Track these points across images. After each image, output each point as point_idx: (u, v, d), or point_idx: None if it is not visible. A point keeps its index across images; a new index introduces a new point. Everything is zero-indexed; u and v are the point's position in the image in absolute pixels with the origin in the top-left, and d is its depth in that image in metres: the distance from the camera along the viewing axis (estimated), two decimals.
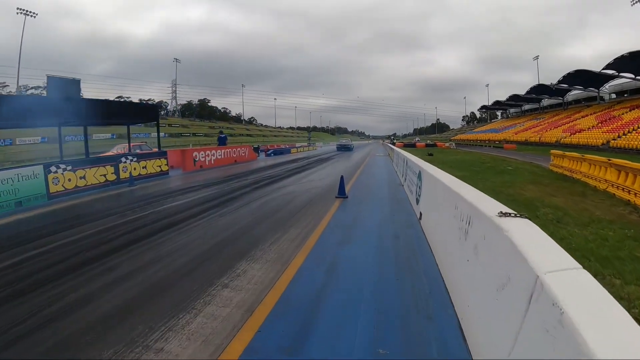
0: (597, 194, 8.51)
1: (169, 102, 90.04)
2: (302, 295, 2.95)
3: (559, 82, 50.07)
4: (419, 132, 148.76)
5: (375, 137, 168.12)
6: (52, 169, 8.59)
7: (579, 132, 39.23)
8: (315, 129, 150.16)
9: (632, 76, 41.60)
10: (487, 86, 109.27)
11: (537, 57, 74.36)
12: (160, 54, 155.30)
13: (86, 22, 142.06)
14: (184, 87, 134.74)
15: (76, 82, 10.68)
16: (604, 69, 41.44)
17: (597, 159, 10.10)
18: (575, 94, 55.75)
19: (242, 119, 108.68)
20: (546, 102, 63.74)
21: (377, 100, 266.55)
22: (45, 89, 10.32)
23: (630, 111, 37.54)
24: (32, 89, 57.84)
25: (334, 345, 2.26)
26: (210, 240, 4.65)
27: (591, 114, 45.22)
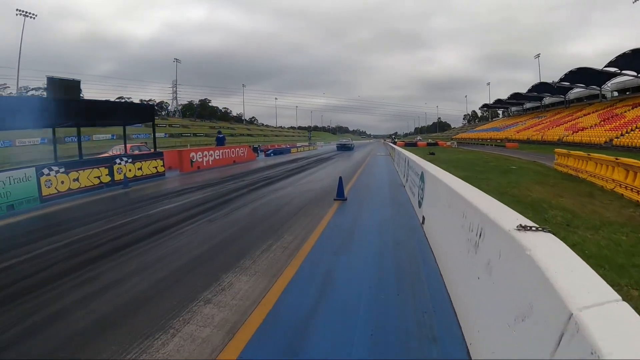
0: (605, 194, 8.24)
1: (170, 103, 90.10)
2: (291, 313, 2.67)
3: (560, 80, 49.75)
4: (420, 131, 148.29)
5: (376, 137, 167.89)
6: (44, 171, 8.38)
7: (581, 130, 38.92)
8: (316, 128, 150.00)
9: (635, 74, 41.27)
10: (488, 84, 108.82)
11: (538, 55, 74.11)
12: (161, 54, 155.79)
13: (87, 22, 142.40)
14: (185, 87, 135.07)
15: (76, 83, 10.53)
16: (606, 67, 41.15)
17: (604, 158, 9.82)
18: (577, 92, 55.43)
19: (242, 118, 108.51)
20: (548, 100, 63.47)
21: (378, 99, 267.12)
22: (45, 90, 10.22)
23: (632, 109, 37.21)
24: (33, 90, 57.84)
25: None
26: (197, 248, 4.37)
27: (593, 112, 44.90)
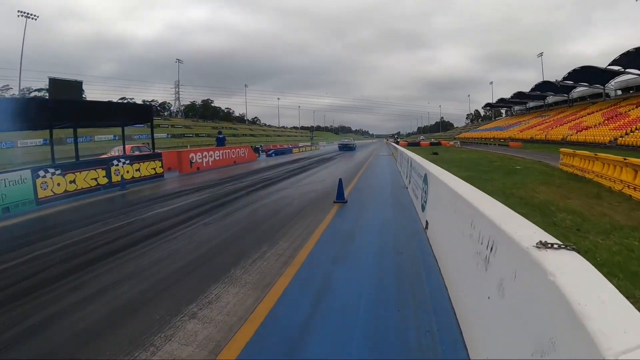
0: (613, 195, 7.99)
1: (173, 103, 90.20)
2: (281, 331, 2.46)
3: (564, 79, 49.34)
4: (423, 130, 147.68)
5: (379, 136, 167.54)
6: (40, 173, 8.27)
7: (585, 129, 38.53)
8: (319, 128, 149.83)
9: (638, 72, 40.86)
10: (491, 84, 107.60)
11: (541, 54, 73.52)
12: (164, 54, 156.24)
13: (89, 24, 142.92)
14: (188, 87, 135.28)
15: (78, 84, 10.54)
16: (609, 65, 40.76)
17: (612, 158, 9.56)
18: (580, 90, 54.95)
19: (245, 119, 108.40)
20: (551, 99, 63.01)
21: (381, 99, 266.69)
22: (47, 91, 10.34)
23: (636, 108, 36.78)
24: (36, 91, 57.92)
25: None
26: (187, 255, 4.16)
27: (597, 111, 44.48)
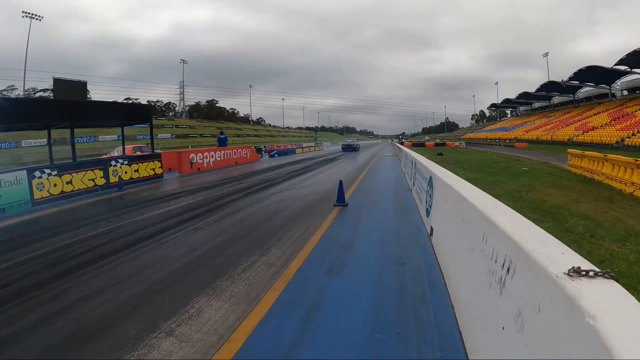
0: (624, 199, 7.70)
1: (177, 103, 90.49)
2: (264, 354, 2.21)
3: (570, 79, 48.84)
4: (427, 131, 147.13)
5: (383, 137, 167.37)
6: (36, 174, 8.15)
7: (592, 130, 38.04)
8: (323, 129, 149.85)
9: None
10: (496, 84, 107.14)
11: (547, 54, 72.97)
12: (169, 55, 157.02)
13: (94, 24, 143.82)
14: (193, 88, 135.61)
15: (82, 84, 10.49)
16: (616, 65, 40.27)
17: (622, 159, 9.25)
18: (586, 91, 54.36)
19: (250, 119, 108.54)
20: (557, 99, 62.45)
21: (386, 99, 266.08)
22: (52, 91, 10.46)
23: None
24: (41, 91, 58.32)
25: None
26: (174, 262, 3.90)
27: (603, 112, 43.94)
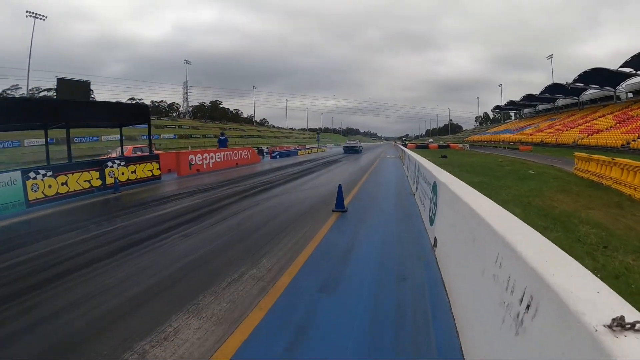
0: (634, 205, 7.44)
1: (181, 104, 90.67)
2: None
3: (574, 81, 48.44)
4: (431, 133, 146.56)
5: (387, 139, 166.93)
6: (30, 175, 7.98)
7: (597, 132, 37.61)
8: (326, 130, 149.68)
9: None
10: (500, 86, 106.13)
11: (551, 56, 72.42)
12: (173, 55, 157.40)
13: (98, 24, 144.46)
14: (196, 88, 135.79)
15: (86, 84, 10.45)
16: (621, 67, 39.85)
17: (632, 163, 8.98)
18: (590, 93, 53.88)
19: (253, 120, 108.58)
20: (561, 102, 61.95)
21: (389, 101, 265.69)
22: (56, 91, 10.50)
23: None
24: (45, 91, 58.67)
25: None
26: (156, 274, 3.62)
27: (608, 114, 43.46)
